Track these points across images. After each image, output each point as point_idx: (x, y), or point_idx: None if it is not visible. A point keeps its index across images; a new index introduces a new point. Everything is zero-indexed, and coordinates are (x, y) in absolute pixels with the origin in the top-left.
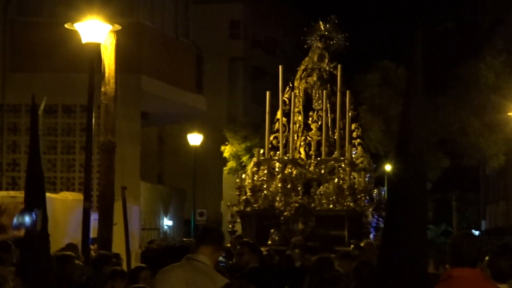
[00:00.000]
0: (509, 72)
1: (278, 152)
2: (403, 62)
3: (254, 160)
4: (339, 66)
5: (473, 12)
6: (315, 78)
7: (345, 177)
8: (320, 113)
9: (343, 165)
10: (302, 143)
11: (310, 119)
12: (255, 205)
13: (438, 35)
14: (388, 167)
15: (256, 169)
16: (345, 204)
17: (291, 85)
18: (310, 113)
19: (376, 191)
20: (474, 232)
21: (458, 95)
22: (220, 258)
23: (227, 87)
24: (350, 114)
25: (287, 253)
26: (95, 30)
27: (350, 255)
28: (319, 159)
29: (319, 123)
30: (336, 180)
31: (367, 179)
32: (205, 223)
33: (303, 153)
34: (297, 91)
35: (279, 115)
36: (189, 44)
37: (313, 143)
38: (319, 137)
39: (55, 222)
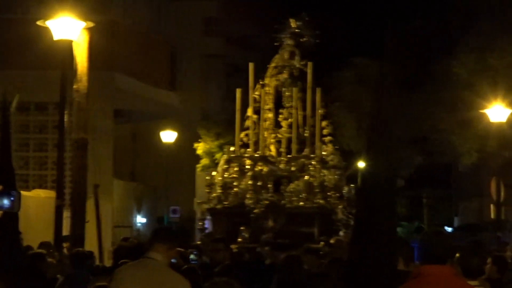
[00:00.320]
0: (481, 69)
1: (248, 150)
2: (376, 59)
3: (224, 158)
4: (310, 63)
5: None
6: (285, 76)
7: (315, 174)
8: (291, 110)
9: (313, 163)
10: (272, 140)
11: (281, 116)
12: (226, 203)
13: (409, 32)
14: (361, 164)
15: (226, 166)
16: (315, 201)
17: (261, 82)
18: (280, 111)
19: (346, 188)
20: (447, 229)
21: (430, 92)
22: (192, 256)
23: (201, 84)
24: (320, 111)
25: (257, 250)
26: (67, 27)
27: (314, 250)
28: (289, 156)
29: (290, 120)
30: (307, 177)
31: (337, 176)
32: (179, 221)
33: (273, 150)
34: (267, 89)
35: (249, 112)
36: (163, 41)
37: (283, 141)
38: (290, 135)
39: (27, 220)
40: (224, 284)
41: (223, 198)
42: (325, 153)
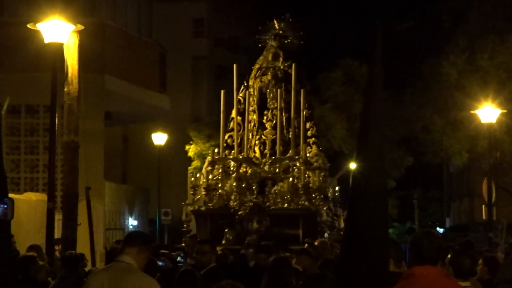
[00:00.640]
0: (471, 70)
1: (233, 151)
2: (366, 60)
3: (208, 159)
4: (294, 65)
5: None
6: (269, 77)
7: (299, 176)
8: (275, 112)
9: (297, 164)
10: (257, 142)
11: (265, 118)
12: (210, 204)
13: (399, 33)
14: (352, 165)
15: (210, 168)
16: (300, 203)
17: (245, 84)
18: (265, 112)
19: (330, 190)
20: (439, 229)
21: (421, 93)
22: (179, 258)
23: (191, 86)
24: (304, 113)
25: (241, 252)
26: (57, 30)
27: (307, 252)
28: (273, 158)
29: (274, 122)
30: (291, 179)
31: (321, 178)
32: (170, 223)
33: (258, 152)
34: (251, 90)
35: (234, 114)
36: (153, 43)
37: (268, 142)
38: (274, 136)
39: (18, 223)
40: (230, 287)
41: (207, 200)
42: (309, 154)
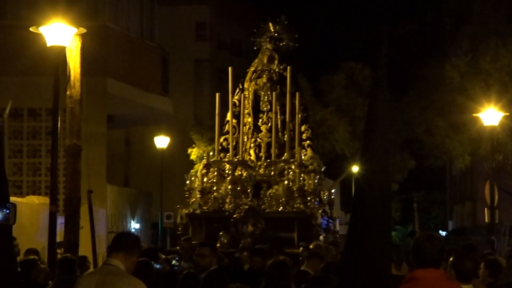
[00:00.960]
0: (474, 73)
1: (228, 154)
2: (368, 63)
3: (203, 162)
4: (289, 67)
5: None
6: (264, 80)
7: (294, 179)
8: (270, 114)
9: (293, 167)
10: (252, 144)
11: (260, 120)
12: (205, 207)
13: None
14: (355, 168)
15: (205, 171)
16: (295, 206)
17: (241, 86)
18: (260, 115)
19: (326, 192)
20: (441, 232)
21: (423, 96)
22: (174, 262)
23: (193, 89)
24: (299, 115)
25: (235, 255)
26: (60, 33)
27: (317, 255)
28: (269, 161)
29: (269, 124)
30: (286, 182)
31: (316, 181)
32: (173, 226)
33: (253, 155)
34: (247, 93)
35: (229, 116)
36: (155, 47)
37: (263, 145)
38: (269, 139)
39: (21, 226)
40: None
41: (202, 203)
42: (304, 157)
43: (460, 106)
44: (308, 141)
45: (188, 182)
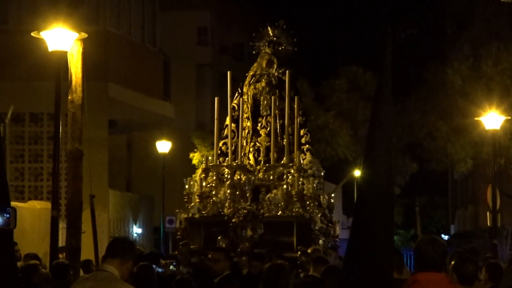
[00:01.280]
0: (475, 77)
1: (227, 158)
2: (370, 67)
3: (202, 167)
4: (288, 71)
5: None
6: (263, 84)
7: (293, 183)
8: (269, 119)
9: (291, 171)
10: (251, 149)
11: (259, 125)
12: (204, 212)
13: (404, 40)
14: (357, 172)
15: (204, 175)
16: (294, 210)
17: (240, 90)
18: (259, 119)
19: (326, 196)
20: (443, 236)
21: (425, 100)
22: (171, 267)
23: (195, 93)
24: (298, 120)
25: (234, 260)
26: (61, 38)
27: (323, 260)
28: (268, 165)
29: (268, 129)
30: (285, 186)
31: (315, 185)
32: (175, 230)
33: (252, 159)
34: (245, 97)
35: (228, 121)
36: (156, 51)
37: (262, 149)
38: (268, 143)
39: (22, 231)
40: None
41: (201, 208)
42: (303, 161)
43: (461, 110)
44: (307, 145)
45: (187, 186)
